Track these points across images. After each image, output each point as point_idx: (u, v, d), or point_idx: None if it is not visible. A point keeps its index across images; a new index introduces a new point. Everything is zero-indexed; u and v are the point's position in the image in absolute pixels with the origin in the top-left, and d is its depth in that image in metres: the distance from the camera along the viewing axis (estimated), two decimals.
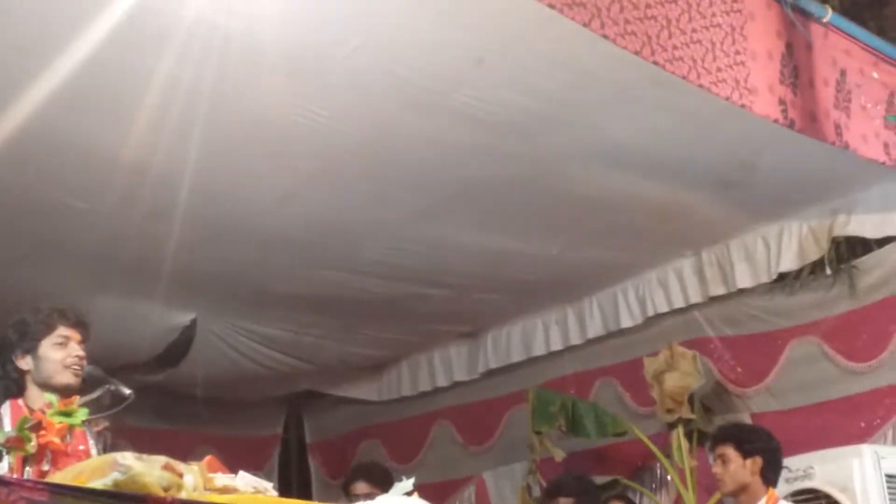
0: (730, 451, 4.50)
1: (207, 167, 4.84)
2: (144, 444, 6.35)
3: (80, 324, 3.64)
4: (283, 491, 8.07)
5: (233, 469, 7.61)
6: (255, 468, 8.08)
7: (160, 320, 6.72)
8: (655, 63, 3.87)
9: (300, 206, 5.42)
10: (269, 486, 2.67)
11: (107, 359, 3.88)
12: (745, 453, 4.47)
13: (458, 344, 7.66)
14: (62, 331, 3.56)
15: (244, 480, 2.62)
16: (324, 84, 4.36)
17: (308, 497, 8.50)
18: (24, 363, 3.54)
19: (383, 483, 5.35)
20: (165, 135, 4.50)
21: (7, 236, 5.45)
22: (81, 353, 3.54)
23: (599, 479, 6.28)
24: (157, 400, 7.24)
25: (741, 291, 6.26)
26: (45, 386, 3.45)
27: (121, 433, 3.70)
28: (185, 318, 6.81)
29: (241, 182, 5.12)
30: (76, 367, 3.50)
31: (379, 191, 5.35)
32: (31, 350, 3.54)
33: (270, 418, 8.58)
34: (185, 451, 7.60)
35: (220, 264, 6.00)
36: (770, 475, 4.49)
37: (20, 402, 3.48)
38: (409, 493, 2.92)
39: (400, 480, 2.96)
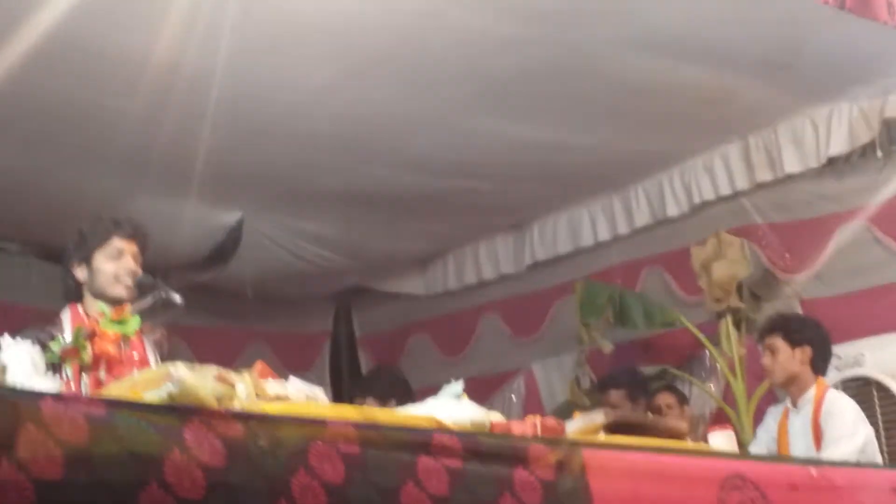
0: (778, 342, 4.47)
1: (242, 66, 4.82)
2: (197, 342, 6.58)
3: (136, 236, 3.62)
4: (335, 383, 8.32)
5: (285, 366, 7.77)
6: (307, 363, 8.29)
7: (207, 220, 6.75)
8: None
9: (341, 102, 5.38)
10: (319, 392, 2.70)
11: (155, 259, 3.90)
12: (794, 343, 4.44)
13: (503, 236, 7.65)
14: (116, 243, 3.56)
15: (295, 387, 2.64)
16: None
17: None
18: (80, 272, 3.56)
19: (394, 395, 5.03)
20: (197, 34, 4.46)
21: (47, 142, 5.48)
22: (134, 266, 3.53)
23: (648, 370, 6.31)
24: (209, 298, 7.32)
25: (789, 177, 6.17)
26: (99, 296, 3.48)
27: (174, 332, 3.74)
28: (231, 217, 6.83)
29: (278, 80, 5.08)
30: (128, 280, 3.52)
31: (420, 84, 5.29)
32: (86, 260, 3.56)
33: (320, 314, 8.67)
34: (237, 347, 7.87)
35: (263, 163, 5.99)
36: (819, 364, 4.47)
37: (79, 308, 3.53)
38: (458, 396, 2.94)
39: (448, 383, 2.97)
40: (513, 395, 7.54)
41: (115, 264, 3.52)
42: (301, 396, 2.62)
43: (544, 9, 4.61)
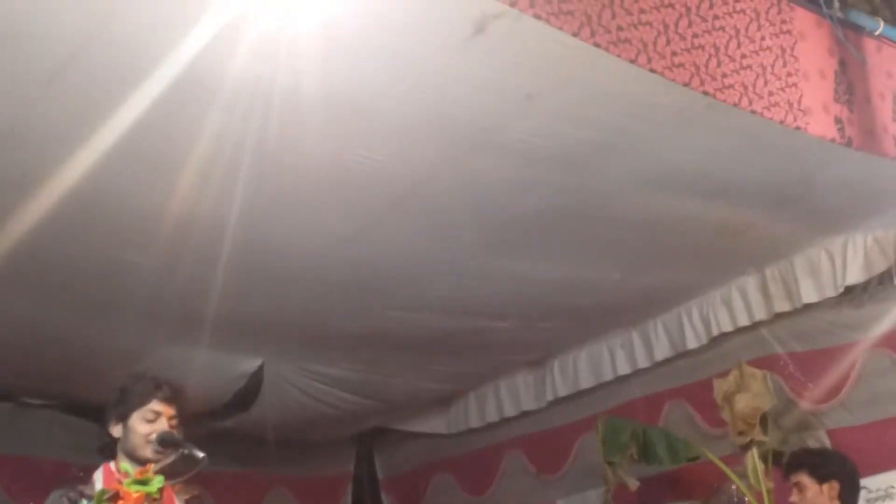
0: (805, 479, 4.42)
1: (257, 216, 4.89)
2: (220, 488, 6.53)
3: (175, 400, 3.67)
4: None
5: None
6: None
7: (228, 367, 6.79)
8: (706, 93, 3.85)
9: (358, 249, 5.44)
10: None
11: (188, 404, 3.93)
12: (821, 479, 4.39)
13: (524, 373, 7.64)
14: (155, 405, 3.61)
15: None
16: (375, 128, 4.38)
17: None
18: (116, 430, 3.61)
19: None
20: (213, 186, 4.54)
21: (67, 296, 5.57)
22: (168, 430, 3.56)
23: None
24: (230, 444, 7.30)
25: (808, 306, 6.16)
26: (129, 455, 3.51)
27: (198, 480, 3.73)
28: (252, 363, 6.88)
29: (294, 229, 5.15)
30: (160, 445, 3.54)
31: (436, 229, 5.36)
32: (123, 418, 3.60)
33: (342, 456, 8.62)
34: (259, 493, 7.80)
35: (282, 309, 6.05)
36: (848, 498, 4.41)
37: (112, 466, 3.56)
38: None
39: None
40: None
41: (149, 426, 3.55)
42: None
43: (558, 151, 4.68)
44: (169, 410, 3.63)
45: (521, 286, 6.07)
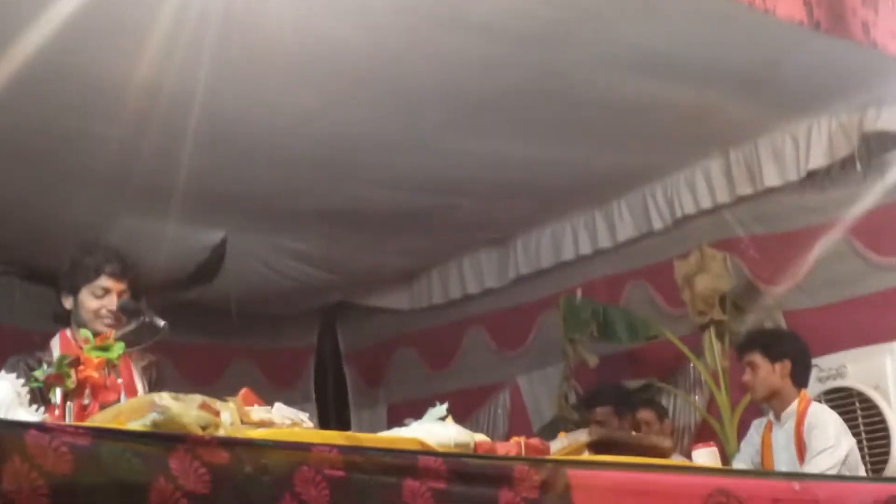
0: (757, 358, 4.51)
1: (223, 88, 4.84)
2: (182, 359, 6.59)
3: (124, 275, 3.63)
4: (321, 398, 8.34)
5: (270, 382, 7.74)
6: (292, 379, 8.30)
7: (190, 239, 6.77)
8: None
9: (324, 124, 5.40)
10: (305, 418, 2.71)
11: (141, 279, 3.91)
12: (773, 358, 4.48)
13: (487, 251, 7.68)
14: (103, 281, 3.59)
15: (280, 413, 2.66)
16: (345, 1, 4.32)
17: (345, 404, 8.67)
18: (67, 302, 3.61)
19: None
20: (178, 57, 4.47)
21: (30, 167, 5.51)
22: (115, 307, 3.56)
23: (633, 383, 6.34)
24: (194, 316, 7.33)
25: (771, 190, 6.21)
26: (82, 326, 3.51)
27: (159, 349, 3.75)
28: (215, 236, 6.86)
29: (261, 103, 5.11)
30: (108, 318, 3.54)
31: (402, 105, 5.33)
32: (73, 292, 3.59)
33: (305, 330, 8.68)
34: (221, 364, 7.87)
35: (246, 183, 6.02)
36: (800, 377, 4.51)
37: (68, 333, 3.58)
38: (443, 418, 2.96)
39: (430, 403, 2.99)
40: (499, 409, 7.57)
41: (98, 302, 3.55)
42: (286, 422, 2.64)
43: (525, 30, 4.64)
44: (118, 286, 3.61)
45: (486, 164, 6.06)
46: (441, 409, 2.96)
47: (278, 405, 2.69)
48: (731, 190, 6.32)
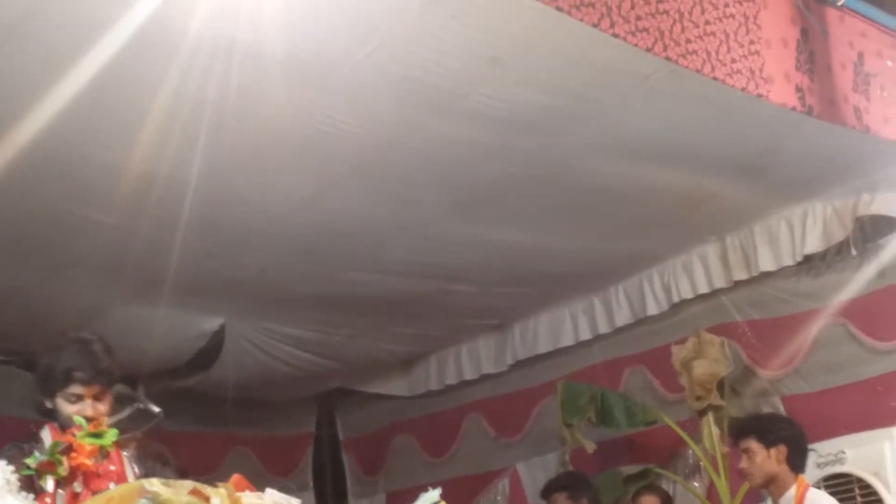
0: (753, 444, 4.50)
1: (219, 175, 4.86)
2: (180, 447, 6.48)
3: (95, 379, 3.49)
4: (319, 486, 8.27)
5: (269, 470, 7.67)
6: (290, 466, 8.23)
7: (188, 327, 6.78)
8: (668, 59, 3.86)
9: (321, 211, 5.44)
10: (296, 502, 2.70)
11: (138, 366, 3.89)
12: (768, 443, 4.47)
13: (485, 336, 7.68)
14: (74, 388, 3.47)
15: (272, 499, 2.64)
16: (337, 91, 4.37)
17: (343, 492, 8.59)
18: (48, 404, 3.52)
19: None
20: (173, 145, 4.51)
21: (28, 254, 5.53)
22: (94, 409, 3.43)
23: (631, 469, 6.29)
24: (191, 403, 7.32)
25: (767, 275, 6.24)
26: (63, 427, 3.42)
27: (157, 438, 3.71)
28: (213, 323, 6.86)
29: (255, 190, 5.14)
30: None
31: (401, 192, 5.36)
32: (49, 395, 3.51)
33: (303, 417, 8.63)
34: (220, 452, 7.81)
35: (243, 270, 6.03)
36: (797, 462, 4.49)
37: (56, 425, 3.49)
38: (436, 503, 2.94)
39: (426, 490, 2.97)
40: (498, 497, 7.50)
41: (74, 407, 3.44)
42: None
43: (521, 116, 4.68)
44: (91, 391, 3.47)
45: (483, 251, 6.09)
46: (434, 493, 2.94)
47: (270, 491, 2.68)
48: (727, 275, 6.35)
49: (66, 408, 3.46)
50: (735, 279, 6.33)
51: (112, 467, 3.27)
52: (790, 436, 4.53)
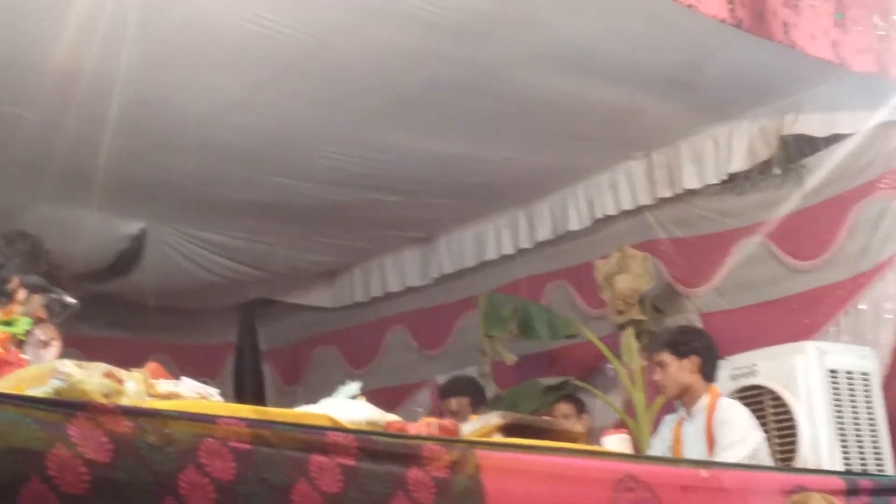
0: (666, 356, 4.57)
1: (146, 74, 4.78)
2: (97, 353, 6.39)
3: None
4: (238, 397, 8.25)
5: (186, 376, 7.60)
6: (209, 375, 8.16)
7: (108, 230, 6.68)
8: None
9: (249, 114, 5.38)
10: (213, 392, 2.68)
11: (55, 268, 3.81)
12: (681, 355, 4.55)
13: (411, 249, 7.68)
14: None
15: (188, 386, 2.61)
16: None
17: (262, 403, 8.58)
18: None
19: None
20: (98, 40, 4.41)
21: None
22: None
23: (551, 380, 6.36)
24: (110, 308, 7.24)
25: (692, 192, 6.30)
26: None
27: (74, 342, 3.65)
28: (134, 227, 6.77)
29: (184, 89, 5.06)
30: None
31: (330, 97, 5.31)
32: None
33: (224, 326, 8.60)
34: (138, 359, 7.64)
35: (167, 173, 5.94)
36: (709, 372, 4.58)
37: None
38: (354, 397, 2.94)
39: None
40: (418, 408, 7.54)
41: None
42: (194, 395, 2.60)
43: (453, 24, 4.65)
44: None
45: (410, 160, 6.06)
46: (353, 386, 2.95)
47: (185, 379, 2.65)
48: (652, 192, 6.40)
49: None
50: (659, 196, 6.38)
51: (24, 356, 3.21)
52: (702, 347, 4.61)
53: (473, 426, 3.12)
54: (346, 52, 4.85)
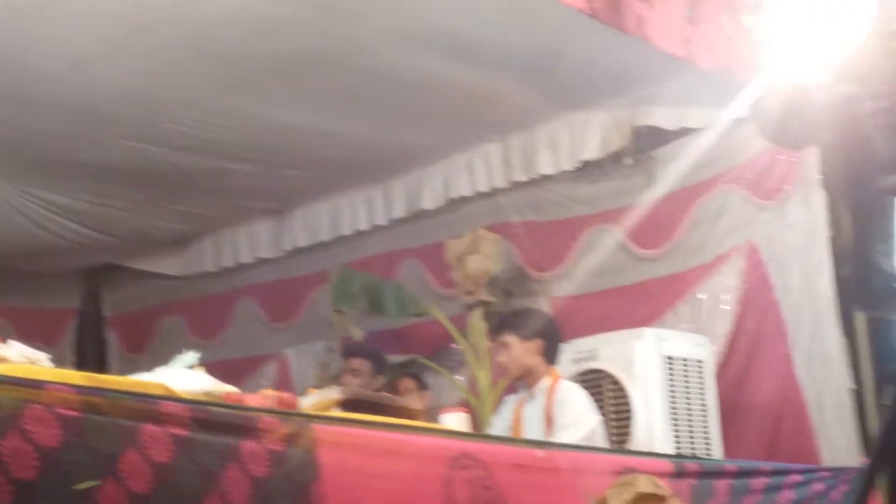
0: (509, 338, 4.63)
1: None
2: None
3: None
4: (79, 365, 8.04)
5: (28, 344, 7.39)
6: (50, 341, 7.93)
7: None
8: None
9: (96, 73, 5.22)
10: (43, 357, 2.60)
11: None
12: (525, 337, 4.61)
13: (264, 220, 7.58)
14: None
15: (16, 350, 2.54)
16: None
17: (105, 371, 8.38)
18: None
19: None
20: None
21: None
22: None
23: (397, 358, 6.39)
24: None
25: (546, 178, 6.39)
26: None
27: None
28: None
29: (30, 45, 4.89)
30: None
31: (181, 61, 5.19)
32: None
33: (67, 290, 8.34)
34: None
35: (9, 129, 5.73)
36: (551, 354, 4.66)
37: None
38: (191, 367, 2.90)
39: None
40: (265, 381, 7.48)
41: None
42: (21, 359, 2.52)
43: None
44: None
45: (265, 130, 5.99)
46: (190, 356, 2.90)
47: (12, 342, 2.57)
48: (507, 175, 6.46)
49: None
50: (514, 180, 6.45)
51: None
52: (545, 330, 4.69)
53: (312, 400, 3.11)
54: (203, 16, 4.76)
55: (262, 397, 2.91)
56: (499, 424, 4.73)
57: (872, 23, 2.49)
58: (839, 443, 5.14)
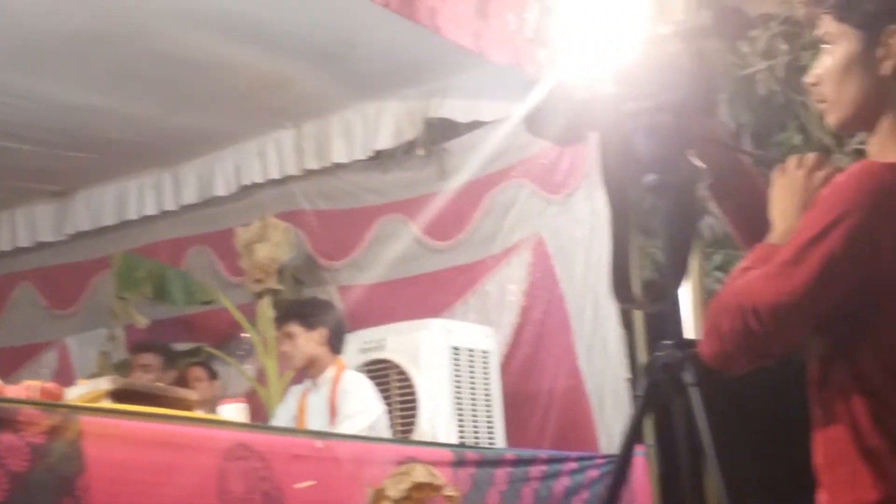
0: (294, 328, 4.62)
1: None
2: None
3: None
4: None
5: None
6: None
7: None
8: None
9: None
10: None
11: None
12: (310, 326, 4.61)
13: (45, 203, 7.25)
14: None
15: None
16: None
17: None
18: None
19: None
20: None
21: None
22: None
23: (184, 346, 6.25)
24: None
25: (339, 167, 6.36)
26: None
27: None
28: None
29: None
30: None
31: None
32: None
33: None
34: None
35: None
36: (336, 344, 4.66)
37: None
38: None
39: None
40: (43, 370, 7.18)
41: None
42: None
43: None
44: None
45: (45, 109, 5.72)
46: None
47: None
48: (299, 163, 6.40)
49: None
50: (307, 168, 6.39)
51: None
52: (331, 319, 4.69)
53: (80, 391, 3.00)
54: None
55: (25, 388, 2.78)
56: (283, 415, 4.70)
57: (647, 25, 2.57)
58: (616, 430, 5.31)
